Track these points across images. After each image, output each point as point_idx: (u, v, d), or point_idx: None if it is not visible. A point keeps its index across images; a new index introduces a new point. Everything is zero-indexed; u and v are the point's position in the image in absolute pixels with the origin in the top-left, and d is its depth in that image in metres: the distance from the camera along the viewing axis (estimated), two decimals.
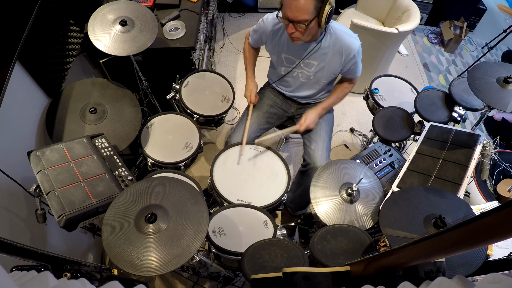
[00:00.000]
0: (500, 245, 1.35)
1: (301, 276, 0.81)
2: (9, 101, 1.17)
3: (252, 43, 1.76)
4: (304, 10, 1.28)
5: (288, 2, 1.29)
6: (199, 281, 1.90)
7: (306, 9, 1.28)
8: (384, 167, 1.62)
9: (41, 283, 0.70)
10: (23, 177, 1.26)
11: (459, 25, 3.45)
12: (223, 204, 1.48)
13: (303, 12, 1.29)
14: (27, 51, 1.32)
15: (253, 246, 1.15)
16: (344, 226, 1.21)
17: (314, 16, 1.31)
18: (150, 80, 1.88)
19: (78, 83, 1.61)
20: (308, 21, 1.31)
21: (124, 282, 0.97)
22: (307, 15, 1.30)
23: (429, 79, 3.26)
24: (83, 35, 1.73)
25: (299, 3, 1.27)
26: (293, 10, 1.29)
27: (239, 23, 3.52)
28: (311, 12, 1.30)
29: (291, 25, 1.35)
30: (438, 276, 0.75)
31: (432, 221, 1.02)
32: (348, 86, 1.74)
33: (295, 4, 1.28)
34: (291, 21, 1.33)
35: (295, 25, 1.34)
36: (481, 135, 1.41)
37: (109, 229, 0.97)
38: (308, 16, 1.30)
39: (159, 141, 1.68)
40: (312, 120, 1.70)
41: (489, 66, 1.57)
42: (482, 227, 0.45)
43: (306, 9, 1.28)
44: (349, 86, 1.74)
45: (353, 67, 1.59)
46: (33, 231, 1.32)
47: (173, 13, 1.97)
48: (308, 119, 1.68)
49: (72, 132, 1.48)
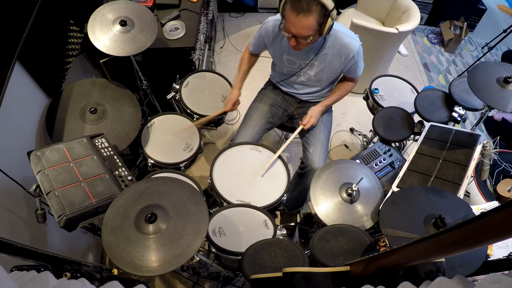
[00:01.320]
0: (500, 245, 1.35)
1: (301, 276, 0.81)
2: (9, 101, 1.17)
3: (254, 50, 1.74)
4: (308, 27, 1.29)
5: (292, 20, 1.29)
6: (199, 281, 1.90)
7: (309, 26, 1.29)
8: (384, 167, 1.62)
9: (41, 283, 0.70)
10: (23, 177, 1.26)
11: (459, 25, 3.45)
12: (223, 204, 1.48)
13: (307, 29, 1.30)
14: (27, 51, 1.32)
15: (253, 246, 1.15)
16: (344, 226, 1.21)
17: (317, 30, 1.33)
18: (150, 80, 1.88)
19: (78, 83, 1.61)
20: (311, 36, 1.33)
21: (124, 282, 0.97)
22: (310, 31, 1.31)
23: (429, 79, 3.26)
24: (83, 35, 1.73)
25: (303, 22, 1.27)
26: (297, 27, 1.30)
27: (239, 23, 3.52)
28: (314, 28, 1.31)
29: (294, 39, 1.36)
30: (438, 276, 0.75)
31: (432, 221, 1.02)
32: (350, 84, 1.75)
33: (299, 22, 1.28)
34: (294, 36, 1.34)
35: (297, 40, 1.36)
36: (481, 135, 1.41)
37: (109, 229, 0.97)
38: (311, 32, 1.31)
39: (159, 141, 1.68)
40: (316, 118, 1.73)
41: (489, 66, 1.57)
42: (482, 227, 0.45)
43: (309, 26, 1.29)
44: (351, 84, 1.75)
45: (353, 67, 1.60)
46: (33, 231, 1.32)
47: (173, 13, 1.97)
48: (314, 117, 1.70)
49: (72, 132, 1.48)
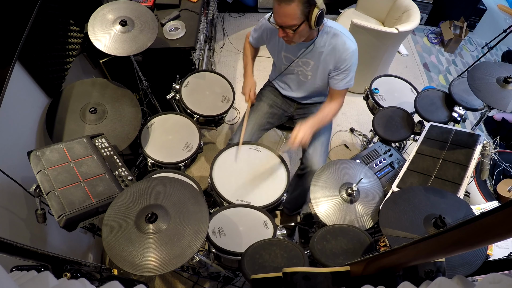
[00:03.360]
0: (500, 245, 1.34)
1: (301, 276, 0.80)
2: (9, 101, 1.17)
3: (253, 42, 1.76)
4: (291, 16, 1.31)
5: (276, 9, 1.32)
6: (199, 281, 1.90)
7: (292, 15, 1.30)
8: (384, 167, 1.62)
9: (41, 283, 0.70)
10: (23, 177, 1.26)
11: (459, 25, 3.45)
12: (222, 204, 1.48)
13: (290, 18, 1.31)
14: (27, 51, 1.32)
15: (253, 246, 1.15)
16: (344, 226, 1.21)
17: (302, 20, 1.33)
18: (150, 80, 1.88)
19: (78, 83, 1.61)
20: (296, 26, 1.33)
21: (124, 282, 0.97)
22: (295, 20, 1.32)
23: (429, 79, 3.26)
24: (83, 35, 1.73)
25: (285, 10, 1.30)
26: (281, 16, 1.33)
27: (239, 23, 3.52)
28: (298, 17, 1.31)
29: (281, 30, 1.38)
30: (438, 276, 0.75)
31: (432, 221, 1.02)
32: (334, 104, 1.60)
33: (282, 11, 1.31)
34: (280, 26, 1.37)
35: (285, 30, 1.37)
36: (481, 135, 1.41)
37: (109, 229, 0.97)
38: (295, 21, 1.32)
39: (159, 141, 1.68)
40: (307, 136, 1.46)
41: (489, 66, 1.57)
42: (482, 227, 0.45)
43: (292, 15, 1.30)
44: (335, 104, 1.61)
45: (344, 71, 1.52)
46: (33, 231, 1.32)
47: (173, 13, 1.97)
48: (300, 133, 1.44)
49: (72, 132, 1.48)
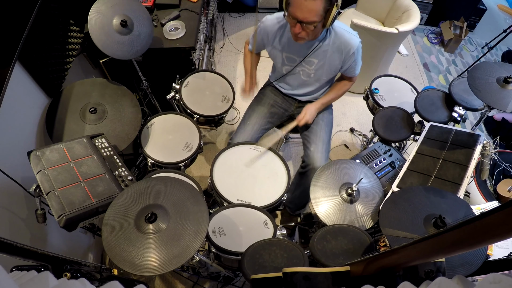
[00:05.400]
0: (500, 245, 1.34)
1: (301, 276, 0.80)
2: (9, 101, 1.17)
3: (252, 48, 1.71)
4: (315, 12, 1.28)
5: (298, 2, 1.27)
6: (199, 281, 1.90)
7: (316, 11, 1.28)
8: (384, 167, 1.62)
9: (41, 283, 0.70)
10: (23, 177, 1.26)
11: (459, 25, 3.45)
12: (223, 204, 1.48)
13: (314, 14, 1.28)
14: (27, 51, 1.31)
15: (253, 246, 1.15)
16: (344, 226, 1.21)
17: (322, 17, 1.31)
18: (150, 80, 1.88)
19: (78, 83, 1.61)
20: (316, 22, 1.31)
21: (124, 282, 0.97)
22: (317, 17, 1.30)
23: (429, 79, 3.26)
24: (83, 35, 1.73)
25: (310, 5, 1.26)
26: (304, 11, 1.28)
27: (239, 23, 3.52)
28: (321, 14, 1.29)
29: (299, 25, 1.33)
30: (438, 276, 0.75)
31: (432, 221, 1.02)
32: (347, 84, 1.75)
33: (306, 5, 1.26)
34: (299, 21, 1.32)
35: (303, 26, 1.33)
36: (481, 135, 1.41)
37: (109, 229, 0.97)
38: (317, 18, 1.30)
39: (159, 141, 1.68)
40: (311, 115, 1.69)
41: (489, 66, 1.57)
42: (482, 227, 0.45)
43: (316, 11, 1.28)
44: (348, 83, 1.75)
45: (353, 65, 1.60)
46: (33, 231, 1.32)
47: (173, 13, 1.97)
48: (308, 114, 1.67)
49: (72, 132, 1.48)
